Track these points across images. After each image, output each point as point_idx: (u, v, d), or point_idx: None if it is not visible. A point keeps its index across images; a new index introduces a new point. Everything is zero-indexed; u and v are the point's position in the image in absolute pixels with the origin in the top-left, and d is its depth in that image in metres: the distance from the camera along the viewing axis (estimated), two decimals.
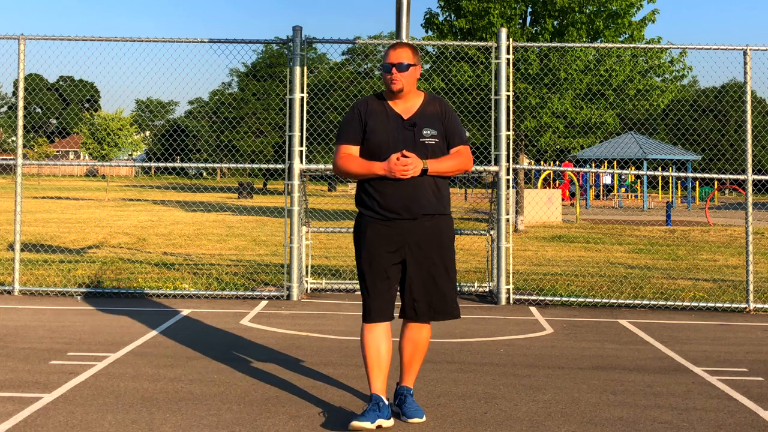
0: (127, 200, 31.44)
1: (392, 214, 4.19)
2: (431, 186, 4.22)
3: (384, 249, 4.21)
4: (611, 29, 17.93)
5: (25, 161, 8.60)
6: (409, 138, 4.21)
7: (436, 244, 4.28)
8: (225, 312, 7.51)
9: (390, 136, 4.22)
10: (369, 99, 4.38)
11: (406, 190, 4.16)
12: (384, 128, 4.24)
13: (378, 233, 4.22)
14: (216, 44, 8.65)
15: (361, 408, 4.50)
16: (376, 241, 4.22)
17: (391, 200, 4.17)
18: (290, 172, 8.35)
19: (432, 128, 4.25)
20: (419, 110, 4.29)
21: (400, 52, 4.28)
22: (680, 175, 8.08)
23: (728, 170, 38.53)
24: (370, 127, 4.26)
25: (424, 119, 4.27)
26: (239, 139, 46.08)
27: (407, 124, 4.24)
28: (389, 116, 4.27)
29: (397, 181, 4.15)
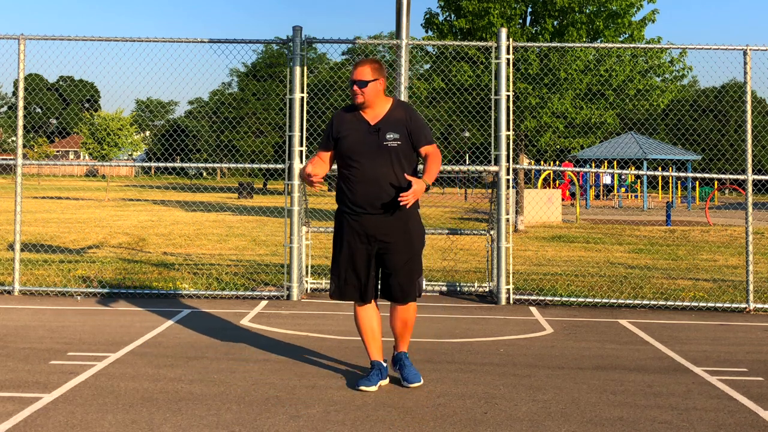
0: (127, 200, 31.44)
1: (360, 209, 4.82)
2: (395, 182, 4.79)
3: (356, 240, 4.87)
4: (611, 29, 17.93)
5: (25, 161, 8.60)
6: (374, 141, 4.81)
7: (402, 235, 4.87)
8: (225, 312, 7.51)
9: (358, 140, 4.84)
10: (343, 110, 5.02)
11: (372, 188, 4.78)
12: (353, 134, 4.86)
13: (350, 226, 4.88)
14: (216, 44, 8.65)
15: (362, 408, 4.51)
16: (348, 233, 4.89)
17: (359, 196, 4.81)
18: (290, 172, 8.35)
19: (395, 132, 4.83)
20: (385, 116, 4.88)
21: (362, 69, 4.86)
22: (680, 175, 8.08)
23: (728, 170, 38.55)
24: (342, 134, 4.89)
25: (388, 125, 4.84)
26: (239, 139, 46.08)
27: (372, 130, 4.84)
28: (359, 123, 4.89)
29: (366, 181, 4.78)
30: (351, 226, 4.88)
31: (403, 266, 4.89)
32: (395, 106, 4.93)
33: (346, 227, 4.90)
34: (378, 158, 4.78)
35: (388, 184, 4.77)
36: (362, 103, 4.85)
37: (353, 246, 4.89)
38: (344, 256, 4.91)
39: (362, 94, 4.84)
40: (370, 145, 4.80)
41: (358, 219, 4.85)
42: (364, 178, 4.79)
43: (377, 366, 4.99)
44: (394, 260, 4.87)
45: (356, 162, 4.81)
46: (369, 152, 4.79)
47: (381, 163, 4.77)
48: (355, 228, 4.87)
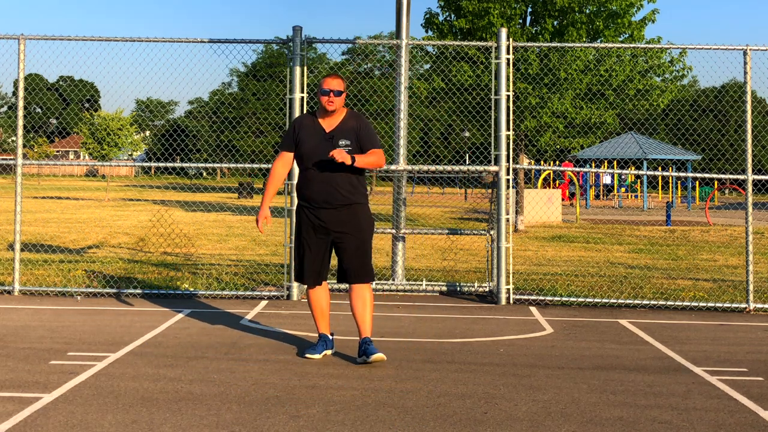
0: (127, 200, 31.44)
1: (317, 204, 5.56)
2: (346, 182, 5.54)
3: (312, 230, 5.61)
4: (611, 29, 17.93)
5: (25, 161, 8.60)
6: (329, 147, 5.49)
7: (353, 226, 5.57)
8: (225, 312, 7.51)
9: (315, 145, 5.55)
10: (303, 116, 5.79)
11: (327, 186, 5.52)
12: (310, 140, 5.58)
13: (308, 219, 5.62)
14: (216, 44, 8.64)
15: (362, 408, 4.52)
16: (306, 225, 5.64)
17: (316, 193, 5.54)
18: (290, 172, 8.34)
19: (347, 139, 5.56)
20: (339, 125, 5.62)
21: (338, 81, 5.60)
22: (680, 175, 8.08)
23: (728, 170, 38.53)
24: (300, 138, 5.62)
25: (341, 133, 5.58)
26: (239, 139, 46.07)
27: (327, 137, 5.57)
28: (315, 130, 5.61)
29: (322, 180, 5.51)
30: (309, 219, 5.62)
31: (356, 251, 5.58)
32: (348, 116, 5.68)
33: (304, 220, 5.65)
34: (332, 161, 5.43)
35: (340, 183, 5.54)
36: (333, 110, 5.58)
37: (311, 236, 5.63)
38: (304, 245, 5.65)
39: (335, 101, 5.56)
40: (325, 150, 5.48)
41: (315, 213, 5.58)
42: (320, 178, 5.54)
43: (324, 338, 5.81)
44: (348, 247, 5.59)
45: (314, 164, 5.54)
46: (324, 156, 5.48)
47: (334, 165, 5.46)
48: (312, 221, 5.60)
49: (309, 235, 5.64)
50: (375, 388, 4.94)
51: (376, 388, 4.95)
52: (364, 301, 5.67)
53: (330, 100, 5.56)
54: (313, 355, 5.69)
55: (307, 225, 5.64)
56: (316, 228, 5.61)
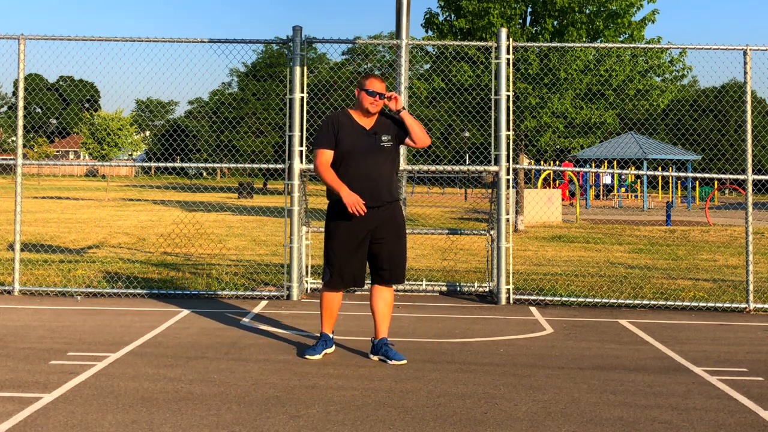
0: (127, 200, 31.44)
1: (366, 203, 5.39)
2: (388, 179, 5.53)
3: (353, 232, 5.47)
4: (611, 29, 17.93)
5: (25, 161, 8.60)
6: (372, 144, 5.51)
7: (393, 226, 5.56)
8: (225, 312, 7.51)
9: (357, 143, 5.49)
10: (339, 114, 5.65)
11: (370, 183, 5.45)
12: (350, 138, 5.50)
13: (347, 220, 5.45)
14: (216, 44, 8.64)
15: (362, 408, 4.52)
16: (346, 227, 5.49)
17: (358, 192, 5.39)
18: (290, 172, 8.35)
19: (388, 135, 5.57)
20: (377, 123, 5.61)
21: (383, 84, 5.58)
22: (680, 175, 8.08)
23: (728, 170, 38.53)
24: (341, 136, 5.51)
25: (382, 129, 5.58)
26: (239, 139, 46.08)
27: (369, 133, 5.55)
28: (355, 128, 5.55)
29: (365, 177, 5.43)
30: (348, 219, 5.45)
31: (395, 252, 5.57)
32: (381, 116, 5.66)
33: (343, 221, 5.49)
34: (377, 157, 5.49)
35: (383, 180, 5.50)
36: (375, 112, 5.57)
37: (352, 239, 5.49)
38: (343, 248, 5.51)
39: (380, 105, 5.56)
40: (368, 146, 5.49)
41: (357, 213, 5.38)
42: (363, 176, 5.45)
43: (325, 337, 5.76)
44: (387, 248, 5.54)
45: (356, 161, 5.46)
46: (367, 153, 5.48)
47: (378, 162, 5.49)
48: (352, 221, 5.45)
49: (350, 237, 5.50)
50: (375, 388, 4.94)
51: (376, 388, 4.95)
52: (387, 303, 5.67)
53: (375, 102, 5.53)
54: (314, 356, 5.66)
55: (348, 227, 5.49)
56: (357, 229, 5.48)
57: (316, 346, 5.74)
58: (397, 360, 5.52)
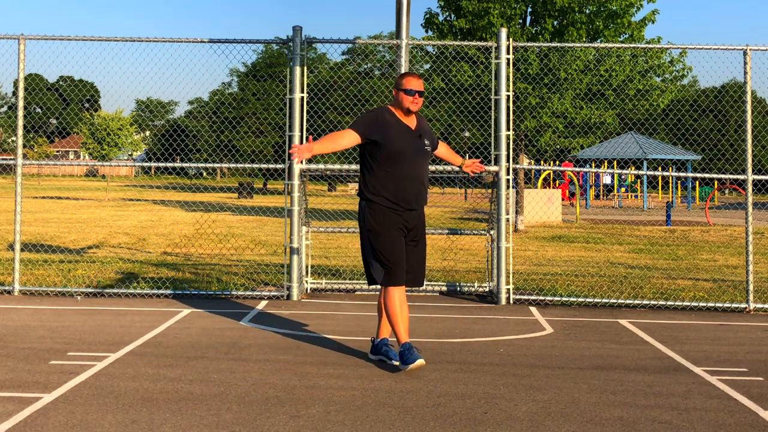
0: (127, 200, 31.44)
1: (406, 204, 5.41)
2: (427, 182, 5.58)
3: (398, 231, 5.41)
4: (611, 29, 17.93)
5: (25, 161, 8.60)
6: (419, 146, 5.47)
7: (423, 228, 5.61)
8: (225, 312, 7.51)
9: (406, 143, 5.41)
10: (383, 110, 5.52)
11: (415, 185, 5.43)
12: (399, 138, 5.40)
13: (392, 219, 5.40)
14: (216, 44, 8.65)
15: (362, 408, 4.51)
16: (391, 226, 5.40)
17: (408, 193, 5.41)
18: (290, 172, 8.35)
19: (428, 139, 5.58)
20: (419, 125, 5.56)
21: (420, 81, 5.52)
22: (680, 175, 8.08)
23: (728, 170, 38.54)
24: (387, 134, 5.38)
25: (424, 132, 5.55)
26: (239, 139, 46.08)
27: (416, 134, 5.49)
28: (402, 128, 5.45)
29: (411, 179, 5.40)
30: (393, 219, 5.41)
31: (423, 254, 5.61)
32: (419, 117, 5.62)
33: (388, 221, 5.41)
34: (421, 160, 5.50)
35: (425, 184, 5.56)
36: (415, 111, 5.50)
37: (397, 236, 5.43)
38: (392, 245, 5.40)
39: (420, 103, 5.49)
40: (416, 148, 5.46)
41: (403, 213, 5.43)
42: (411, 178, 5.43)
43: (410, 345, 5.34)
44: (418, 249, 5.57)
45: (404, 162, 5.40)
46: (415, 154, 5.44)
47: (422, 164, 5.51)
48: (397, 221, 5.42)
49: (397, 235, 5.41)
50: (375, 388, 4.93)
51: (376, 388, 4.95)
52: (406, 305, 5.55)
53: (415, 101, 5.45)
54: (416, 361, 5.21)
55: (393, 226, 5.40)
56: (400, 229, 5.43)
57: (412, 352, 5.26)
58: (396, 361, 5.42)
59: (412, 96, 5.44)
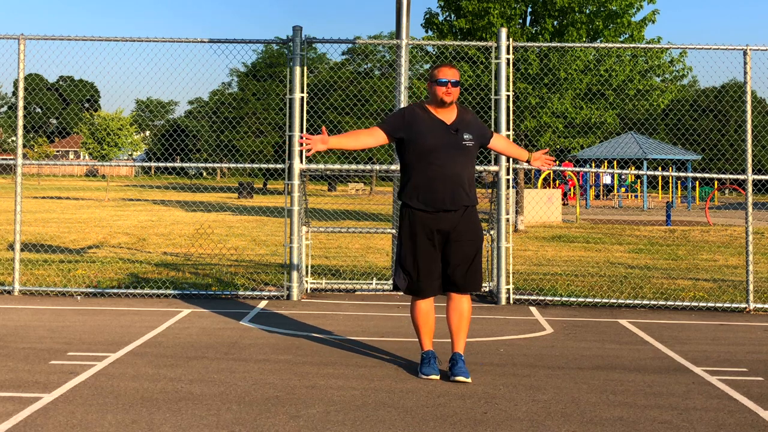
0: (127, 200, 31.44)
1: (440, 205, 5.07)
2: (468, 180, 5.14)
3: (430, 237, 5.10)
4: (611, 29, 17.94)
5: (25, 161, 8.60)
6: (454, 141, 5.10)
7: (470, 230, 5.16)
8: (225, 312, 7.51)
9: (439, 139, 5.09)
10: (415, 106, 5.27)
11: (451, 185, 5.07)
12: (431, 134, 5.10)
13: (423, 223, 5.11)
14: (216, 44, 8.65)
15: (362, 408, 4.51)
16: (421, 230, 5.11)
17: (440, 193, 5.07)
18: (290, 172, 8.35)
19: (470, 133, 5.16)
20: (458, 118, 5.19)
21: (453, 70, 5.16)
22: (680, 175, 8.08)
23: (728, 170, 38.53)
24: (417, 130, 5.12)
25: (463, 126, 5.17)
26: (239, 139, 46.08)
27: (452, 130, 5.12)
28: (435, 123, 5.14)
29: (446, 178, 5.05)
30: (424, 222, 5.10)
31: (468, 258, 5.14)
32: (462, 109, 5.27)
33: (419, 224, 5.11)
34: (458, 157, 5.10)
35: (465, 182, 5.13)
36: (451, 102, 5.15)
37: (428, 242, 5.11)
38: (420, 252, 5.11)
39: (453, 93, 5.12)
40: (451, 144, 5.09)
41: (436, 215, 5.09)
42: (445, 177, 5.06)
43: (433, 354, 5.25)
44: (461, 252, 5.12)
45: (436, 160, 5.07)
46: (448, 151, 5.09)
47: (460, 162, 5.10)
48: (428, 224, 5.09)
49: (426, 242, 5.10)
50: (375, 388, 4.93)
51: (376, 388, 4.95)
52: (461, 314, 5.23)
53: (448, 91, 5.09)
54: (434, 375, 5.13)
55: (424, 230, 5.09)
56: (433, 234, 5.10)
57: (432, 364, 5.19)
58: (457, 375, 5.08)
59: (444, 86, 5.09)
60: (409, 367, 5.47)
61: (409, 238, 5.15)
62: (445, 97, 5.11)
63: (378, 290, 8.83)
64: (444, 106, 5.16)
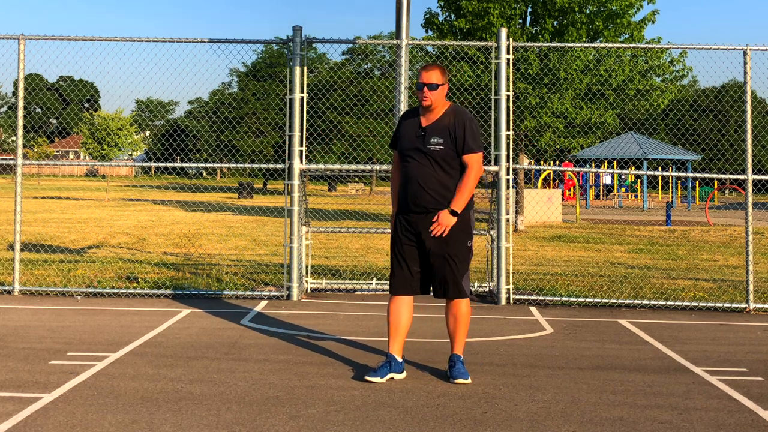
0: (127, 200, 31.44)
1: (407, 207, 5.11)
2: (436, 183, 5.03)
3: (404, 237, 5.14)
4: (611, 29, 17.94)
5: (25, 161, 8.60)
6: (420, 144, 5.07)
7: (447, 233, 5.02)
8: (225, 312, 7.51)
9: (409, 142, 5.13)
10: (410, 110, 5.30)
11: (415, 188, 5.05)
12: (406, 136, 5.17)
13: (401, 223, 5.19)
14: (216, 44, 8.65)
15: (362, 408, 4.51)
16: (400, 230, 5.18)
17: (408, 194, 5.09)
18: (290, 172, 8.35)
19: (440, 137, 5.04)
20: (435, 122, 5.11)
21: (432, 73, 5.07)
22: (680, 175, 8.08)
23: (728, 170, 38.53)
24: (399, 133, 5.25)
25: (435, 129, 5.07)
26: (239, 139, 46.08)
27: (420, 132, 5.10)
28: (413, 125, 5.17)
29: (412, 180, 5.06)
30: (401, 223, 5.18)
31: (445, 263, 5.06)
32: (448, 112, 5.13)
33: (398, 225, 5.21)
34: (423, 160, 5.06)
35: (430, 186, 5.03)
36: (429, 106, 5.08)
37: (403, 242, 5.16)
38: (396, 249, 5.19)
39: (431, 97, 5.06)
40: (417, 147, 5.09)
41: (407, 217, 5.15)
42: (411, 178, 5.09)
43: (391, 358, 5.15)
44: (438, 260, 5.07)
45: (407, 162, 5.13)
46: (416, 154, 5.08)
47: (426, 165, 5.05)
48: (404, 225, 5.16)
49: (401, 241, 5.15)
50: (375, 388, 4.93)
51: (376, 388, 4.95)
52: (456, 317, 5.18)
53: (424, 95, 5.05)
54: (374, 378, 5.03)
55: (401, 230, 5.16)
56: (407, 234, 5.13)
57: (379, 369, 5.10)
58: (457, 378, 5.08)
59: (421, 91, 5.07)
60: (408, 368, 5.46)
61: (392, 236, 5.28)
62: (423, 102, 5.09)
63: (378, 290, 8.83)
64: (427, 110, 5.12)
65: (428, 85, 5.04)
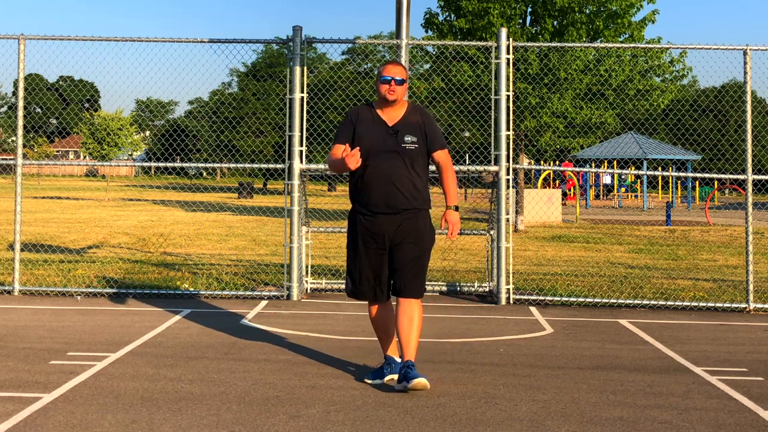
0: (127, 200, 31.44)
1: (375, 209, 4.94)
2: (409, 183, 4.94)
3: (369, 241, 4.98)
4: (611, 29, 17.94)
5: (25, 161, 8.60)
6: (392, 143, 4.94)
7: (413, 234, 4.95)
8: (225, 312, 7.51)
9: (375, 141, 4.94)
10: (360, 108, 5.12)
11: (388, 188, 4.91)
12: (371, 135, 4.96)
13: (364, 226, 4.99)
14: (216, 44, 8.64)
15: (362, 408, 4.51)
16: (363, 233, 5.00)
17: (375, 196, 4.92)
18: (290, 172, 8.35)
19: (413, 135, 4.97)
20: (402, 119, 5.01)
21: (398, 68, 5.03)
22: (680, 175, 8.08)
23: (728, 170, 38.55)
24: (359, 133, 4.99)
25: (406, 127, 4.99)
26: (239, 139, 46.08)
27: (391, 131, 4.97)
28: (376, 123, 5.00)
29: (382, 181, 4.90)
30: (365, 226, 4.98)
31: (411, 262, 4.93)
32: (411, 109, 5.08)
33: (360, 227, 5.00)
34: (395, 160, 4.92)
35: (404, 185, 4.92)
36: (395, 100, 4.98)
37: (369, 246, 4.98)
38: (360, 256, 5.00)
39: (397, 90, 4.97)
40: (388, 146, 4.93)
41: (372, 219, 4.95)
42: (381, 179, 4.90)
43: (390, 360, 5.11)
44: (403, 257, 4.93)
45: (372, 161, 4.92)
46: (387, 154, 4.92)
47: (398, 165, 4.91)
48: (369, 228, 4.97)
49: (366, 245, 4.97)
50: (375, 388, 4.93)
51: (376, 388, 4.95)
52: (411, 319, 4.90)
53: (391, 89, 4.93)
54: (375, 380, 5.04)
55: (364, 234, 4.97)
56: (373, 237, 4.95)
57: (380, 370, 5.10)
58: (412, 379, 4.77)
59: (388, 84, 4.93)
60: None
61: (351, 240, 5.08)
62: (388, 95, 4.94)
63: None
64: (388, 104, 4.99)
65: (396, 79, 4.95)
